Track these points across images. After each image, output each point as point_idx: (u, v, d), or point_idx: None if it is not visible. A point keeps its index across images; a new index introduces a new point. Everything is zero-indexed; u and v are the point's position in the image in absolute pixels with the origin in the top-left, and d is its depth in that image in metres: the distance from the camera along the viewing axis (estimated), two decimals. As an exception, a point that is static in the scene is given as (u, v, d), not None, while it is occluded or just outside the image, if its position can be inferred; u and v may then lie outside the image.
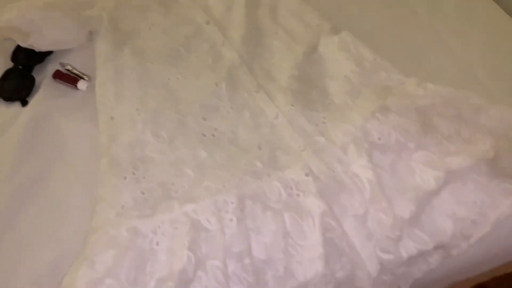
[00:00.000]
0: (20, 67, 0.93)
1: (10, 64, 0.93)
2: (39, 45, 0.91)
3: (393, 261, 0.72)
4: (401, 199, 0.74)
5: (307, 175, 0.74)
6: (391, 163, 0.77)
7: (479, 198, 0.77)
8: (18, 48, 0.94)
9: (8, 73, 0.92)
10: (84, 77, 0.93)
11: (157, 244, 0.67)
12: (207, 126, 0.82)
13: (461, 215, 0.76)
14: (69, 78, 0.92)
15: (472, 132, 0.81)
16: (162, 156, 0.77)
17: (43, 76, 0.94)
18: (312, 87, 0.89)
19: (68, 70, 0.94)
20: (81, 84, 0.92)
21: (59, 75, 0.93)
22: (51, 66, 0.95)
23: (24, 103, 0.89)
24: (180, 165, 0.76)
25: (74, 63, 0.95)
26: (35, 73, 0.94)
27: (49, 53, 0.96)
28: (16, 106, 0.89)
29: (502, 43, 1.05)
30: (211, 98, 0.87)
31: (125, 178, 0.73)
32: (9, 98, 0.89)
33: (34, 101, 0.89)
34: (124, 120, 0.81)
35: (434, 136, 0.79)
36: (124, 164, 0.75)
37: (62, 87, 0.92)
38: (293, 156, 0.78)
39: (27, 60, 0.94)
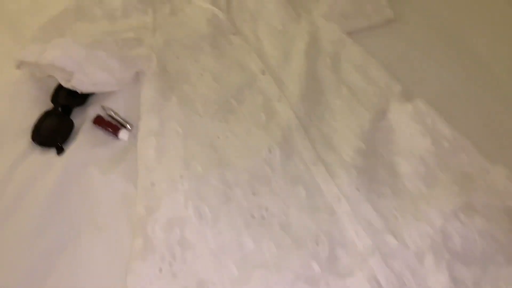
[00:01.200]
0: (59, 108, 0.86)
1: (49, 105, 0.86)
2: (82, 86, 0.83)
3: None
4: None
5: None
6: (475, 279, 0.64)
7: None
8: (60, 88, 0.87)
9: (46, 115, 0.85)
10: (127, 125, 0.85)
11: None
12: (256, 204, 0.72)
13: None
14: (110, 126, 0.85)
15: None
16: (203, 242, 0.67)
17: (83, 119, 0.86)
18: (379, 165, 0.78)
19: (110, 115, 0.86)
20: (123, 134, 0.84)
21: (99, 121, 0.85)
22: (92, 109, 0.88)
23: (60, 150, 0.81)
24: (223, 256, 0.66)
25: (116, 106, 0.88)
26: (74, 116, 0.86)
27: (90, 94, 0.89)
28: (51, 154, 0.81)
29: None
30: (262, 167, 0.77)
31: (160, 270, 0.63)
32: (44, 144, 0.82)
33: (70, 150, 0.81)
34: (165, 189, 0.72)
35: (528, 247, 0.67)
36: (160, 248, 0.66)
37: (102, 135, 0.85)
38: (357, 259, 0.67)
39: (68, 102, 0.87)
